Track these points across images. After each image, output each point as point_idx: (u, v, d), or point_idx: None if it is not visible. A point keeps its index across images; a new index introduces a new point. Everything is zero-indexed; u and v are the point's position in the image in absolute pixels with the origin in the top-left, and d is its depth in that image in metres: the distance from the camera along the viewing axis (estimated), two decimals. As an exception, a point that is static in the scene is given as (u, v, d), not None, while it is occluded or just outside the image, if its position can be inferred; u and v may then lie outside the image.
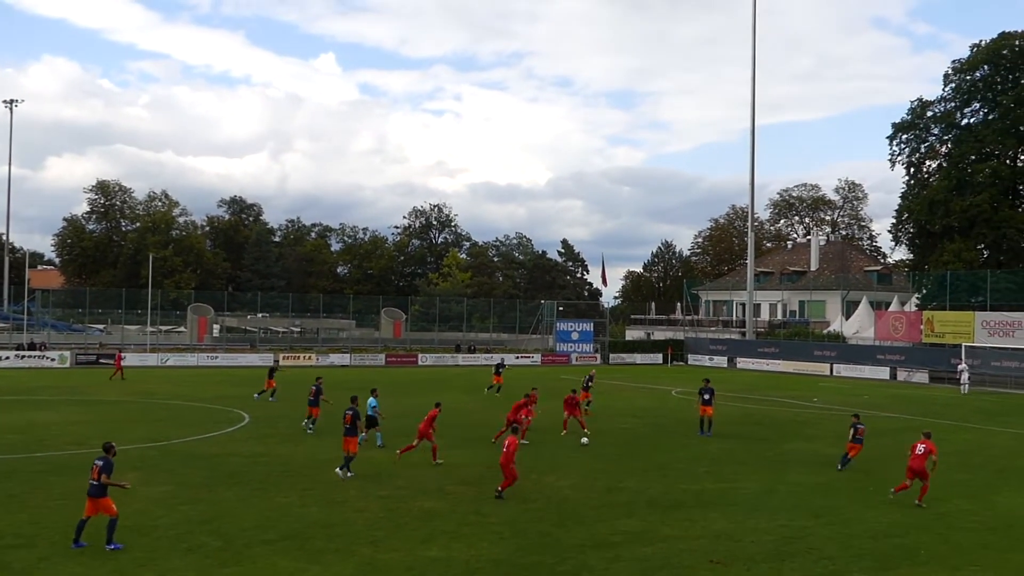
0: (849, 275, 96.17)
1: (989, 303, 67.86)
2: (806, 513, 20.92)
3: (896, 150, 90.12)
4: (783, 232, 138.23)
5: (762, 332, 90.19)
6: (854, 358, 71.97)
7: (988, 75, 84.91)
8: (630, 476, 25.33)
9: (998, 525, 20.19)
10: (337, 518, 19.62)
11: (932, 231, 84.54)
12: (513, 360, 78.96)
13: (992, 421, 41.02)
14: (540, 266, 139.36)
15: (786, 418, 40.73)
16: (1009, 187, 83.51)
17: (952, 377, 62.38)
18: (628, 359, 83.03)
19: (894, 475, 26.17)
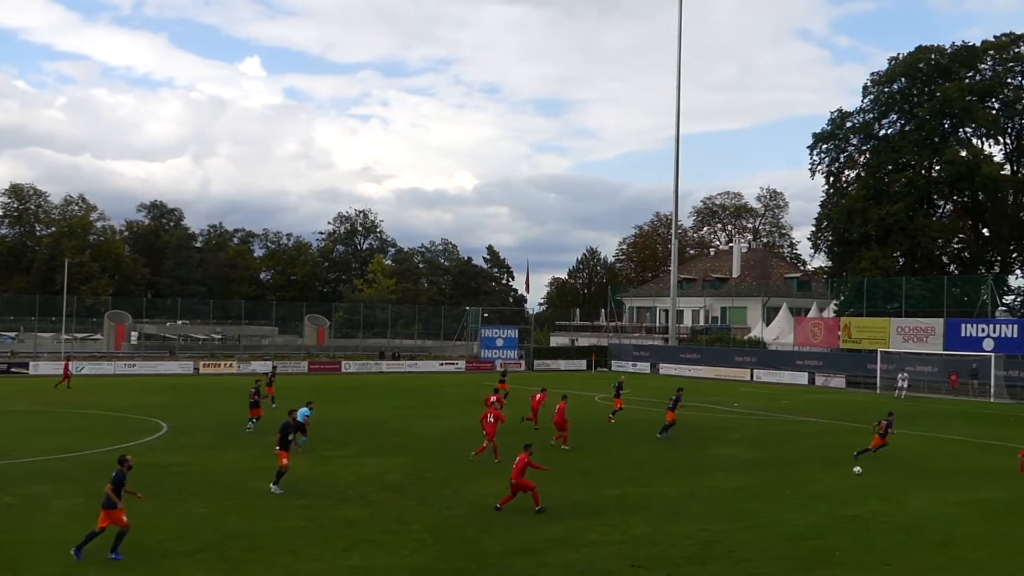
0: (770, 282, 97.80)
1: (904, 309, 69.47)
2: (726, 517, 21.22)
3: (816, 160, 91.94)
4: (706, 239, 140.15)
5: (685, 338, 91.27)
6: (774, 363, 73.20)
7: (905, 88, 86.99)
8: (553, 482, 25.39)
9: (910, 526, 20.69)
10: (257, 528, 19.41)
11: (850, 239, 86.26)
12: (437, 367, 78.89)
13: (906, 424, 41.93)
14: (466, 272, 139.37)
15: (707, 423, 41.25)
16: (924, 197, 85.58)
17: (868, 381, 63.78)
18: (552, 365, 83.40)
19: (811, 478, 26.70)
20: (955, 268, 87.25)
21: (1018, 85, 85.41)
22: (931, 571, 17.08)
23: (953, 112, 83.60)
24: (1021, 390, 57.49)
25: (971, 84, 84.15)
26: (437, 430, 37.02)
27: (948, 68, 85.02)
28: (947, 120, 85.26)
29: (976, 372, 59.52)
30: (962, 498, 24.09)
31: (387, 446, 31.95)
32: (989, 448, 34.65)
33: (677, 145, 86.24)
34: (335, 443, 31.95)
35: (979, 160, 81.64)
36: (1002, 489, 25.50)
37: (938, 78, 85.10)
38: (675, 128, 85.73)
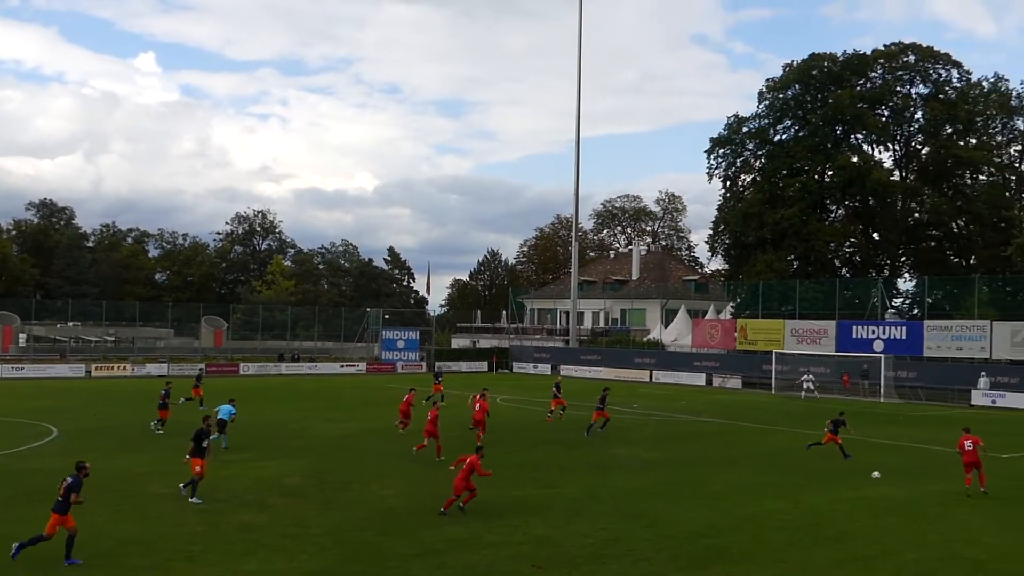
0: (668, 284, 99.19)
1: (798, 312, 71.12)
2: (626, 516, 21.43)
3: (713, 164, 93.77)
4: (606, 242, 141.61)
5: (585, 340, 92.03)
6: (672, 365, 74.25)
7: (799, 94, 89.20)
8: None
9: (805, 523, 21.15)
10: (152, 534, 18.96)
11: (746, 242, 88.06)
12: (338, 369, 78.16)
13: (800, 424, 42.94)
14: (366, 274, 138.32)
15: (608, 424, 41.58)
16: (817, 201, 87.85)
17: (764, 382, 65.11)
18: (454, 367, 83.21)
19: (709, 477, 27.13)
20: (847, 271, 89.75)
21: (906, 93, 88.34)
22: (825, 567, 17.49)
23: (845, 119, 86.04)
24: (909, 390, 59.24)
25: (862, 92, 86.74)
26: (337, 432, 36.68)
27: (840, 76, 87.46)
28: (839, 127, 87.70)
29: (867, 373, 61.19)
30: (854, 495, 24.73)
31: (287, 449, 31.53)
32: (880, 447, 35.66)
33: (577, 148, 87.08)
34: (233, 447, 31.38)
35: (869, 166, 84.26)
36: (892, 486, 26.25)
37: (831, 85, 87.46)
38: (575, 131, 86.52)
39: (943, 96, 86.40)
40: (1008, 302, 65.24)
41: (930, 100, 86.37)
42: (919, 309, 74.78)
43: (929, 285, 73.15)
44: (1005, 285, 68.43)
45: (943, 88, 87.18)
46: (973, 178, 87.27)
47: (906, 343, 62.30)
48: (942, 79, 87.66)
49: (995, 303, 65.80)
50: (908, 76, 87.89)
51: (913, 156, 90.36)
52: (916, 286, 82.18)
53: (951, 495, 25.08)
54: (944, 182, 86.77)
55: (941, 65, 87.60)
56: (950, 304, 70.35)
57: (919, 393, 58.79)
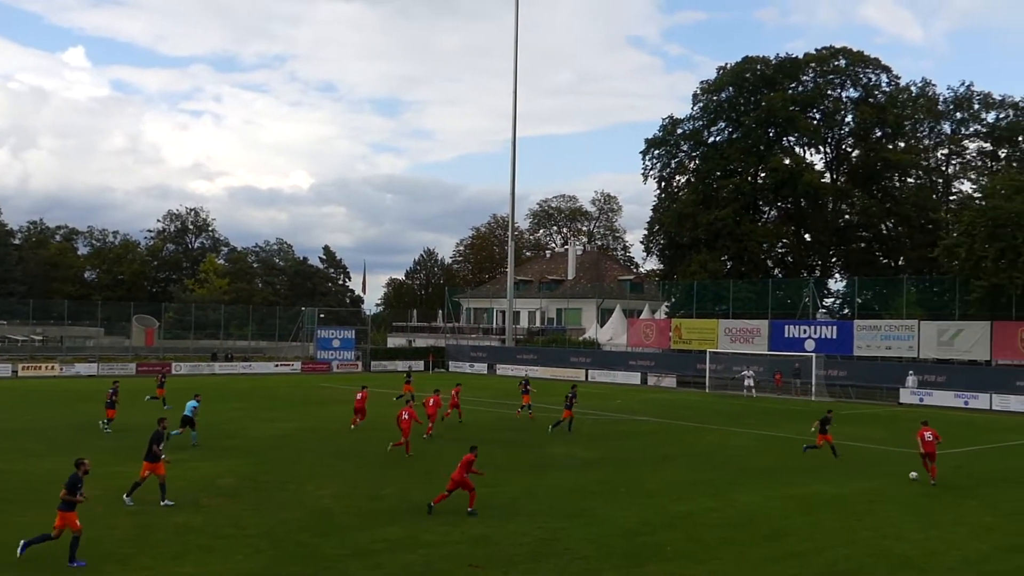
0: (604, 284, 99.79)
1: (732, 311, 71.94)
2: (562, 515, 21.52)
3: (648, 165, 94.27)
4: (542, 242, 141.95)
5: (521, 339, 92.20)
6: (608, 364, 74.71)
7: (732, 96, 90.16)
8: (392, 483, 25.32)
9: (740, 521, 21.42)
10: (83, 537, 18.60)
11: (681, 243, 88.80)
12: (272, 368, 77.44)
13: (733, 423, 43.50)
14: (301, 273, 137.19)
15: (544, 423, 41.71)
16: (750, 202, 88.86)
17: (698, 381, 65.77)
18: (390, 366, 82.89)
19: (645, 475, 27.35)
20: (779, 272, 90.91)
21: (837, 97, 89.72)
22: (758, 563, 17.73)
23: (777, 121, 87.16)
24: (840, 388, 60.28)
25: (794, 95, 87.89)
26: (272, 433, 36.36)
27: (773, 79, 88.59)
28: (772, 129, 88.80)
29: (799, 371, 62.11)
30: (787, 493, 25.10)
31: (221, 450, 31.17)
32: (810, 444, 36.17)
33: (513, 148, 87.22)
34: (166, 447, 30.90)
35: (801, 168, 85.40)
36: (823, 484, 26.69)
37: (763, 88, 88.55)
38: (512, 131, 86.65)
39: (873, 100, 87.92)
40: (935, 302, 66.61)
41: (860, 104, 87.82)
42: (849, 309, 76.02)
43: (859, 285, 74.36)
44: (932, 285, 69.83)
45: (873, 92, 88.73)
46: (901, 181, 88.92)
47: (837, 342, 63.38)
48: (872, 83, 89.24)
49: (923, 303, 67.14)
50: (839, 80, 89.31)
51: (844, 159, 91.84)
52: (846, 286, 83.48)
53: (880, 492, 25.59)
54: (873, 184, 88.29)
55: (871, 70, 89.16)
56: (879, 304, 71.59)
57: (849, 391, 59.85)
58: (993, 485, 27.16)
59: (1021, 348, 55.81)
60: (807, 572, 17.18)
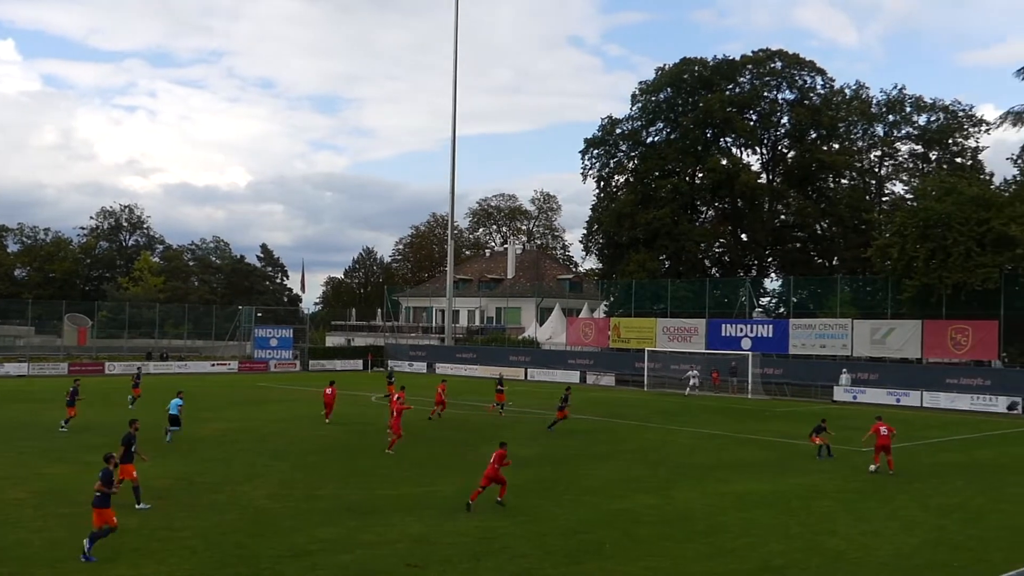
0: (543, 283, 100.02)
1: (669, 310, 72.50)
2: (501, 514, 21.53)
3: (588, 164, 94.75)
4: (482, 240, 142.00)
5: (461, 338, 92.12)
6: (547, 363, 74.92)
7: (671, 97, 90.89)
8: (329, 483, 25.15)
9: (676, 518, 21.60)
10: (11, 539, 18.25)
11: (619, 242, 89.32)
12: (209, 367, 76.50)
13: (671, 421, 43.85)
14: (238, 271, 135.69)
15: (483, 422, 41.75)
16: (688, 202, 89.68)
17: (636, 379, 66.19)
18: (328, 365, 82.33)
19: (583, 473, 27.46)
20: (716, 271, 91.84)
21: (773, 99, 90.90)
22: (695, 560, 17.88)
23: (715, 122, 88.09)
24: (776, 387, 61.09)
25: (731, 96, 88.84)
26: (208, 432, 35.90)
27: (710, 80, 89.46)
28: (709, 130, 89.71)
29: (735, 370, 62.80)
30: (724, 490, 25.36)
31: (155, 451, 30.65)
32: (746, 442, 36.64)
33: (453, 146, 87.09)
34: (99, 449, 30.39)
35: (738, 169, 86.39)
36: (758, 481, 27.01)
37: (701, 89, 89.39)
38: (451, 129, 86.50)
39: (808, 102, 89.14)
40: (868, 301, 67.72)
41: (796, 106, 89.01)
42: (785, 308, 77.01)
43: (794, 285, 75.43)
44: (865, 285, 70.96)
45: (808, 94, 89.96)
46: (836, 182, 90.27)
47: (773, 341, 64.17)
48: (807, 86, 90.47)
49: (856, 302, 68.24)
50: (775, 82, 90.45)
51: (780, 159, 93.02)
52: (782, 286, 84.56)
53: (814, 487, 25.96)
54: (808, 185, 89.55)
55: (806, 72, 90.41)
56: (814, 303, 72.63)
57: (785, 389, 60.65)
58: (923, 480, 27.69)
59: (951, 346, 56.96)
60: (742, 568, 17.37)
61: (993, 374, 55.50)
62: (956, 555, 18.66)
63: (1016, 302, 56.17)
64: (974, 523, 21.75)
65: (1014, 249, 54.17)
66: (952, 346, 56.90)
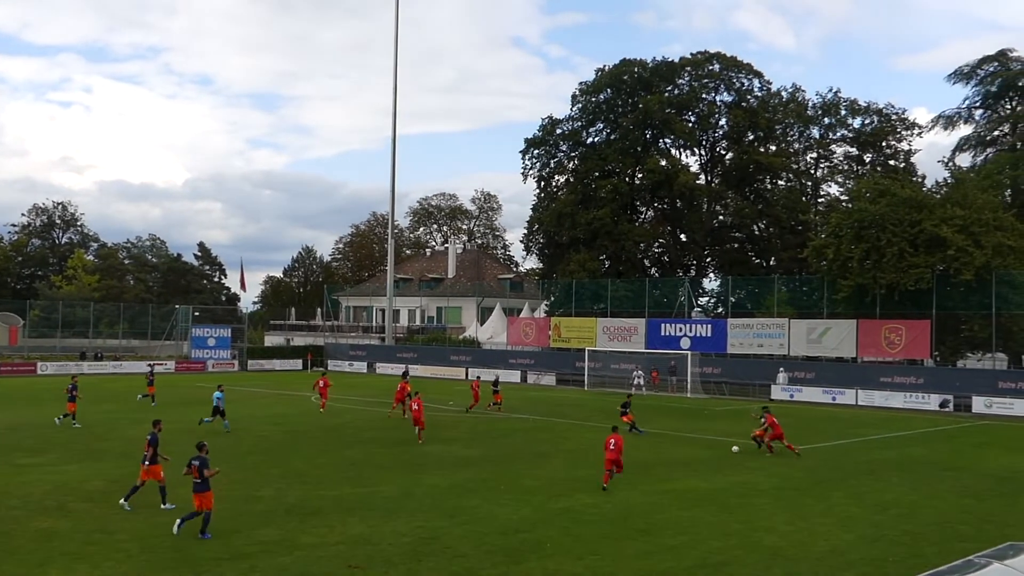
0: (484, 282, 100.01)
1: (610, 310, 72.89)
2: (442, 514, 21.48)
3: (528, 164, 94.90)
4: (422, 240, 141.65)
5: (401, 337, 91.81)
6: (488, 362, 74.85)
7: (611, 98, 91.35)
8: (267, 484, 24.91)
9: (616, 516, 21.69)
10: (-61, 544, 17.82)
11: (560, 242, 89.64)
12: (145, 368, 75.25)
13: (612, 420, 43.93)
14: (175, 269, 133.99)
15: (427, 421, 41.57)
16: (628, 203, 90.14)
17: (577, 379, 66.43)
18: (267, 365, 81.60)
19: (524, 472, 27.49)
20: (656, 271, 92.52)
21: (712, 100, 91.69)
22: (635, 558, 17.98)
23: (654, 123, 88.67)
24: (714, 385, 61.61)
25: (670, 97, 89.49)
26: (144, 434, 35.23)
27: (650, 81, 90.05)
28: (649, 131, 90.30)
29: (675, 369, 63.24)
30: (663, 488, 25.54)
31: (89, 452, 30.17)
32: (685, 440, 36.94)
33: (394, 146, 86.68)
34: (30, 450, 29.87)
35: (677, 170, 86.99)
36: (697, 478, 27.25)
37: (641, 90, 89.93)
38: (392, 128, 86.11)
39: (745, 104, 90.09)
40: (804, 301, 68.59)
41: (733, 107, 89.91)
42: (723, 308, 77.74)
43: (732, 285, 76.15)
44: (802, 285, 71.86)
45: (745, 96, 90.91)
46: (773, 183, 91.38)
47: (711, 340, 64.76)
48: (744, 88, 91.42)
49: (793, 302, 69.05)
50: (713, 84, 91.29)
51: (718, 161, 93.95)
52: (720, 285, 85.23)
53: (752, 485, 26.23)
54: (746, 186, 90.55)
55: (744, 75, 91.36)
56: (752, 303, 73.42)
57: (723, 388, 61.24)
58: (858, 477, 28.11)
59: (885, 345, 57.91)
60: (681, 565, 17.50)
61: (925, 372, 56.53)
62: (891, 550, 18.96)
63: (947, 302, 57.24)
64: (908, 518, 22.13)
65: (945, 250, 55.15)
66: (886, 345, 57.85)
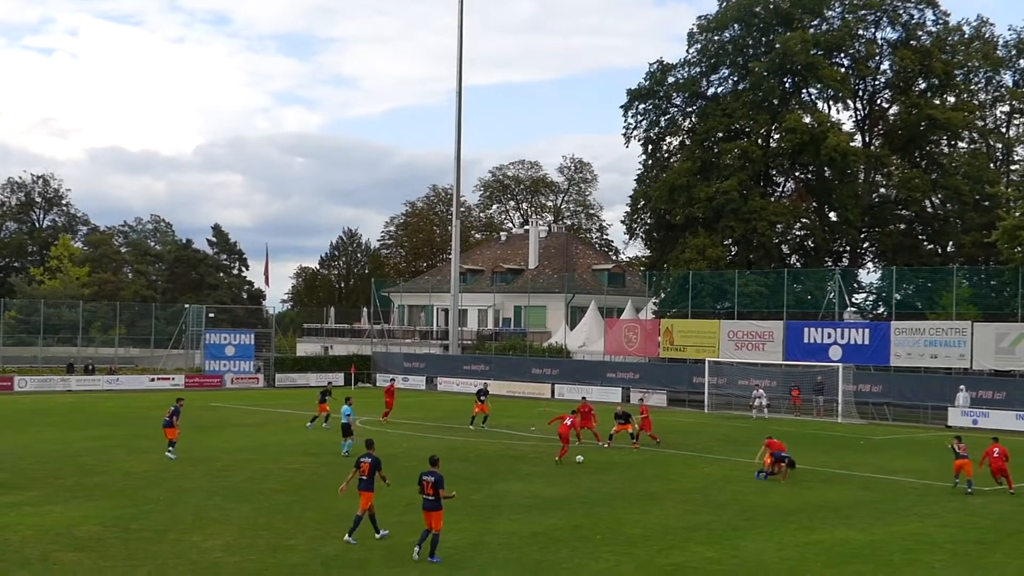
0: (575, 275, 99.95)
1: (737, 310, 72.26)
2: (522, 569, 21.58)
3: (631, 123, 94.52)
4: (496, 220, 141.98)
5: (469, 345, 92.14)
6: (580, 376, 74.75)
7: (739, 36, 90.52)
8: (302, 531, 25.23)
9: (745, 575, 21.61)
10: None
11: (673, 222, 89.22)
12: (147, 383, 76.73)
13: (739, 451, 43.75)
14: (184, 259, 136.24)
15: (497, 452, 41.77)
16: (761, 172, 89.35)
17: (695, 399, 66.13)
18: (300, 380, 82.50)
19: (625, 519, 27.47)
20: (797, 260, 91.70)
21: (871, 39, 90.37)
22: (769, 629, 17.94)
23: (795, 69, 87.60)
24: (874, 407, 60.69)
25: (817, 35, 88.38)
26: (147, 467, 36.06)
27: (790, 14, 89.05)
28: (788, 78, 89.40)
29: (821, 387, 62.52)
30: (805, 540, 25.32)
31: (79, 489, 30.86)
32: (836, 478, 36.53)
33: (459, 100, 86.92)
34: (7, 486, 30.66)
35: (825, 128, 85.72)
36: (851, 528, 26.96)
37: (778, 26, 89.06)
38: (457, 78, 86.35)
39: (916, 43, 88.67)
40: (992, 299, 67.54)
41: (900, 47, 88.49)
42: (885, 307, 76.84)
43: (897, 277, 75.04)
44: (989, 278, 70.76)
45: (915, 33, 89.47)
46: (951, 145, 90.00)
47: (869, 349, 63.89)
48: (914, 21, 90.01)
49: (977, 300, 67.94)
50: (873, 17, 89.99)
51: (879, 117, 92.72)
52: (881, 278, 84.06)
53: (922, 537, 25.88)
54: (916, 150, 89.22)
55: (913, 4, 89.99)
56: (922, 301, 72.26)
57: (885, 411, 60.44)
58: (1064, 529, 27.58)
59: (1099, 356, 56.69)
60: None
61: None
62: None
63: None
64: None
65: None
66: (1100, 356, 56.69)
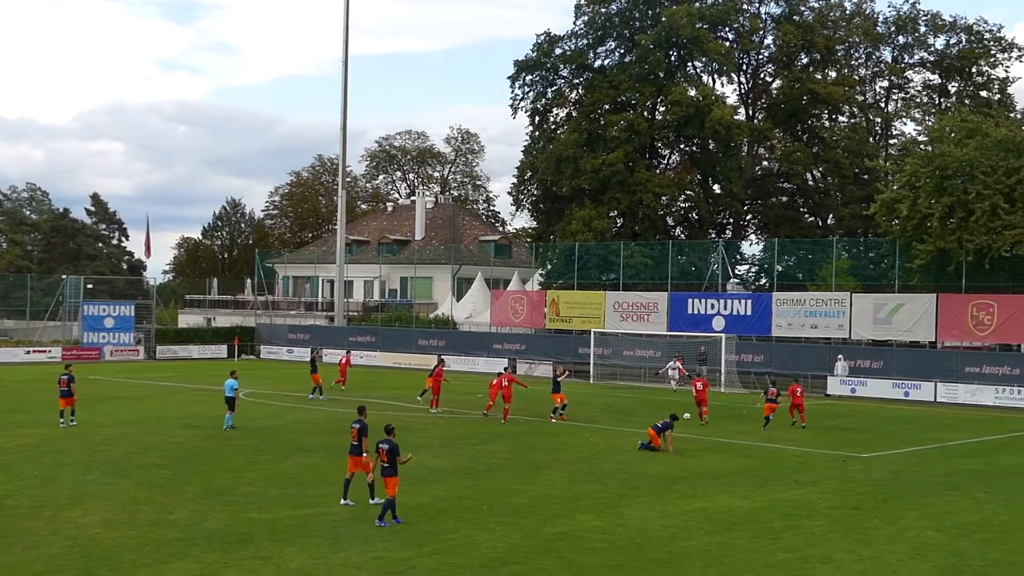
0: (461, 246, 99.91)
1: (622, 281, 72.82)
2: (407, 541, 21.54)
3: (519, 94, 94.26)
4: (382, 191, 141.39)
5: (355, 317, 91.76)
6: (467, 348, 74.91)
7: (625, 9, 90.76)
8: (183, 505, 24.93)
9: (629, 544, 21.79)
10: None
11: (559, 194, 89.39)
12: (22, 356, 75.22)
13: (624, 421, 44.14)
14: (62, 229, 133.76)
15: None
16: (646, 144, 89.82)
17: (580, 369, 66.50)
18: (182, 352, 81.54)
19: (512, 489, 27.57)
20: (682, 231, 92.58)
21: (755, 13, 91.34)
22: (652, 596, 18.13)
23: (681, 42, 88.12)
24: (755, 377, 61.52)
25: (702, 9, 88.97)
26: (21, 442, 35.33)
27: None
28: (674, 51, 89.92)
29: (704, 357, 63.25)
30: (688, 508, 25.63)
31: None
32: (718, 447, 37.01)
33: (345, 70, 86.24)
34: None
35: (710, 102, 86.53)
36: (733, 495, 27.34)
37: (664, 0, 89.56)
38: (343, 47, 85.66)
39: (798, 18, 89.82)
40: (870, 271, 68.73)
41: (783, 22, 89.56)
42: (767, 278, 77.91)
43: (779, 249, 76.06)
44: (867, 250, 71.99)
45: (798, 8, 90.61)
46: (832, 119, 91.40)
47: (751, 320, 64.88)
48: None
49: (856, 271, 69.11)
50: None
51: (762, 91, 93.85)
52: (764, 250, 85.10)
53: (801, 503, 26.34)
54: (798, 123, 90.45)
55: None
56: (803, 272, 73.24)
57: (766, 380, 61.24)
58: (936, 493, 28.22)
59: (972, 327, 57.92)
60: (712, 606, 17.62)
61: (1023, 361, 56.69)
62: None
63: (1053, 272, 57.38)
64: (998, 544, 22.29)
65: (1052, 206, 55.23)
66: (974, 326, 57.94)
